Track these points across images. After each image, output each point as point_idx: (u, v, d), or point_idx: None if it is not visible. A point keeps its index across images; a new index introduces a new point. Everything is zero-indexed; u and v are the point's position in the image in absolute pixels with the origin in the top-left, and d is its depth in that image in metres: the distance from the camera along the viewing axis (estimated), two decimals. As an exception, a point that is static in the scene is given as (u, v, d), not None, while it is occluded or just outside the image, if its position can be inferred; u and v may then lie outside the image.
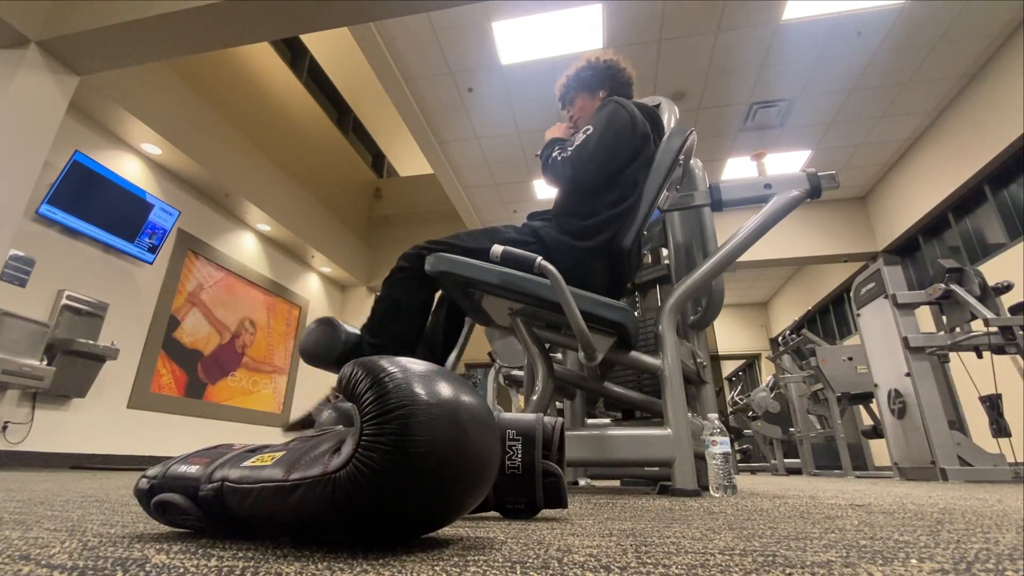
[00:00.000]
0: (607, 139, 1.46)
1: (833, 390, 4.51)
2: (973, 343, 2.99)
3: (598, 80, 1.69)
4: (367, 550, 0.43)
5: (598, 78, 1.69)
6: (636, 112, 1.53)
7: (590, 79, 1.69)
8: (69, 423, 3.73)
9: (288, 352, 6.21)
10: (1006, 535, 0.57)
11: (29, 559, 0.39)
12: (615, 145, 1.46)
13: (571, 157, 1.45)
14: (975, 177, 4.60)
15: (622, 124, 1.48)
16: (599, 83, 1.69)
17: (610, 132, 1.46)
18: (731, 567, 0.38)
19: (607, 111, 1.50)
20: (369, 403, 0.43)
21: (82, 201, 3.81)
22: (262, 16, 2.83)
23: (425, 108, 4.90)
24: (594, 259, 1.43)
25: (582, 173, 1.45)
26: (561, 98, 1.76)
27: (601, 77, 1.69)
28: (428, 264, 1.28)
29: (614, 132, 1.47)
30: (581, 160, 1.44)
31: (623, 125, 1.48)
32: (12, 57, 2.89)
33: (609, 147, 1.46)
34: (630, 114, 1.50)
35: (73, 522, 0.62)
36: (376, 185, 7.80)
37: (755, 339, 10.02)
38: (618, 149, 1.47)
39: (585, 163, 1.44)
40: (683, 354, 1.55)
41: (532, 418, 0.78)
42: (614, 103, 1.52)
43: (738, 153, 5.55)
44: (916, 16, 3.90)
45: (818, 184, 1.63)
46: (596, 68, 1.69)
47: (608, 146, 1.45)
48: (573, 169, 1.45)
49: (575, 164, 1.45)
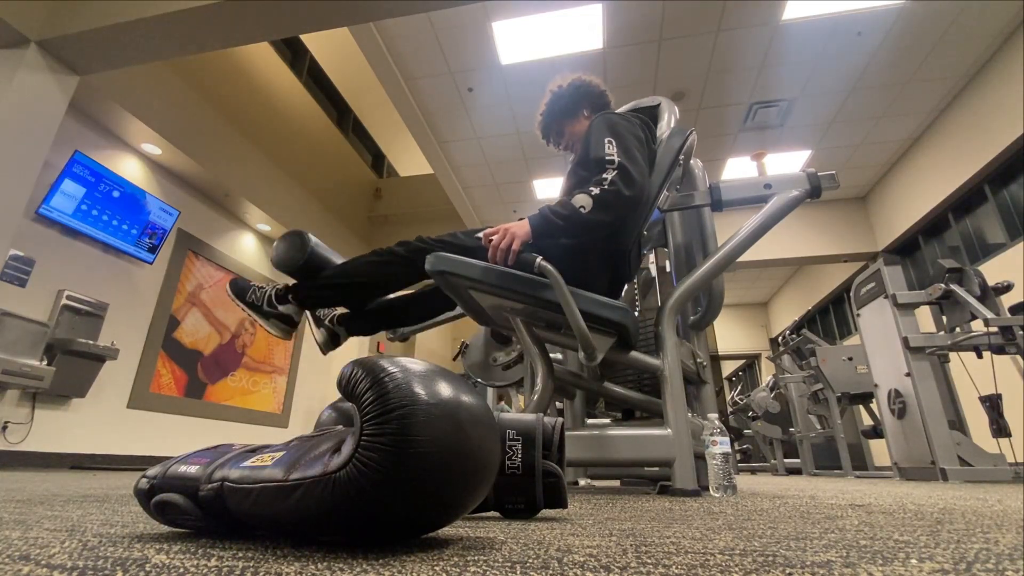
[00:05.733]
0: (633, 140, 1.39)
1: (833, 390, 4.51)
2: (973, 343, 2.99)
3: (575, 102, 1.66)
4: (367, 550, 0.43)
5: (574, 100, 1.66)
6: (630, 117, 1.51)
7: (568, 104, 1.66)
8: (69, 423, 3.73)
9: (288, 352, 6.21)
10: (1006, 535, 0.57)
11: (29, 559, 0.39)
12: (641, 145, 1.42)
13: (619, 158, 1.29)
14: (975, 177, 4.60)
15: (631, 127, 1.45)
16: (577, 104, 1.66)
17: (626, 132, 1.41)
18: (731, 567, 0.38)
19: (604, 122, 1.44)
20: (369, 403, 0.43)
21: (82, 201, 3.81)
22: (262, 16, 2.83)
23: (425, 108, 4.90)
24: (594, 259, 1.43)
25: (643, 170, 1.33)
26: (545, 135, 1.71)
27: (577, 98, 1.66)
28: (428, 263, 1.28)
29: (628, 132, 1.42)
30: (632, 160, 1.30)
31: (631, 128, 1.45)
32: (12, 57, 2.89)
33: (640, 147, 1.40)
34: (627, 120, 1.48)
35: (73, 522, 0.62)
36: (376, 185, 7.80)
37: (755, 339, 10.02)
38: (642, 146, 1.43)
39: (636, 161, 1.31)
40: (683, 354, 1.55)
41: (532, 418, 0.78)
42: (604, 116, 1.47)
43: (738, 153, 5.55)
44: (916, 16, 3.90)
45: (818, 184, 1.63)
46: (568, 92, 1.66)
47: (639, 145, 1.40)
48: (635, 167, 1.30)
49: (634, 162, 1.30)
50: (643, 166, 1.35)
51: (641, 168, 1.33)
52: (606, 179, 1.27)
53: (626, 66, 4.39)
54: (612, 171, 1.28)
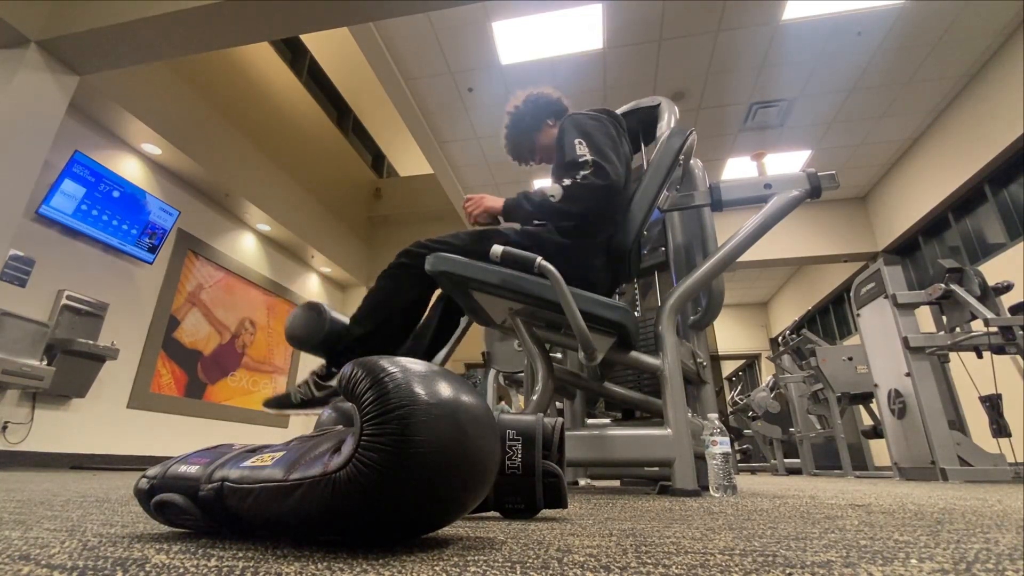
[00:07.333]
0: (601, 136, 1.40)
1: (833, 390, 4.51)
2: (973, 343, 2.99)
3: (538, 115, 1.66)
4: (367, 550, 0.43)
5: (537, 113, 1.66)
6: (597, 116, 1.51)
7: (531, 119, 1.65)
8: (69, 423, 3.73)
9: (288, 352, 6.21)
10: (1006, 535, 0.57)
11: (29, 559, 0.39)
12: (611, 139, 1.43)
13: (591, 155, 1.31)
14: (975, 177, 4.60)
15: (598, 123, 1.45)
16: (539, 116, 1.65)
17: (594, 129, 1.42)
18: (731, 567, 0.38)
19: (572, 123, 1.45)
20: (369, 403, 0.43)
21: (82, 201, 3.81)
22: (262, 16, 2.83)
23: (425, 108, 4.90)
24: (595, 258, 1.43)
25: (615, 163, 1.33)
26: (517, 156, 1.70)
27: (538, 110, 1.66)
28: (428, 264, 1.28)
29: (595, 129, 1.43)
30: (603, 155, 1.31)
31: (599, 124, 1.45)
32: (12, 57, 2.89)
33: (610, 141, 1.41)
34: (594, 119, 1.48)
35: (73, 522, 0.62)
36: (376, 185, 7.80)
37: (755, 339, 10.02)
38: (613, 139, 1.43)
39: (607, 156, 1.33)
40: (683, 354, 1.54)
41: (532, 418, 0.78)
42: (570, 118, 1.48)
43: (738, 153, 5.55)
44: (916, 16, 3.90)
45: (818, 184, 1.63)
46: (528, 108, 1.66)
47: (609, 140, 1.40)
48: (607, 162, 1.30)
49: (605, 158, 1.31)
50: (616, 163, 1.36)
51: (614, 165, 1.34)
52: (579, 175, 1.32)
53: (626, 66, 4.39)
54: (586, 169, 1.32)
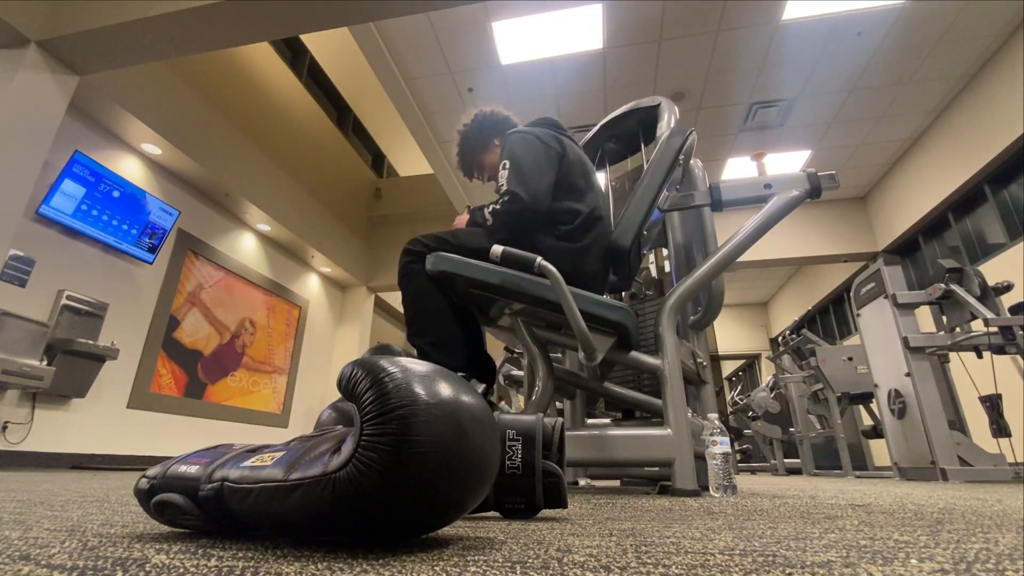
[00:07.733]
0: (525, 156, 1.44)
1: (833, 390, 4.51)
2: (973, 343, 2.99)
3: (484, 134, 1.69)
4: (367, 550, 0.43)
5: (483, 132, 1.69)
6: (532, 128, 1.54)
7: (477, 139, 1.70)
8: (69, 423, 3.73)
9: (288, 352, 6.21)
10: (1006, 535, 0.57)
11: (29, 559, 0.39)
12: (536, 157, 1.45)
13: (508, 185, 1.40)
14: (975, 177, 4.60)
15: (525, 142, 1.48)
16: (486, 135, 1.69)
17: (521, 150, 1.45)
18: (731, 567, 0.38)
19: (505, 147, 1.50)
20: (369, 403, 0.43)
21: (82, 201, 3.81)
22: (262, 16, 2.83)
23: (425, 108, 4.90)
24: (592, 258, 1.43)
25: (532, 184, 1.40)
26: (467, 172, 1.75)
27: (484, 129, 1.69)
28: (428, 264, 1.28)
29: (523, 149, 1.46)
30: (520, 179, 1.40)
31: (526, 143, 1.48)
32: (12, 57, 2.88)
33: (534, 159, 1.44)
34: (524, 133, 1.51)
35: (73, 522, 0.62)
36: (376, 185, 7.80)
37: (755, 339, 10.02)
38: (539, 156, 1.46)
39: (525, 178, 1.40)
40: (683, 354, 1.54)
41: (532, 418, 0.78)
42: (506, 137, 1.52)
43: (738, 153, 5.55)
44: (916, 16, 3.90)
45: (818, 184, 1.63)
46: (475, 128, 1.70)
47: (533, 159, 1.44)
48: (522, 185, 1.38)
49: (521, 182, 1.39)
50: (534, 183, 1.40)
51: (530, 187, 1.39)
52: (499, 202, 1.40)
53: (626, 66, 4.39)
54: (505, 196, 1.39)
